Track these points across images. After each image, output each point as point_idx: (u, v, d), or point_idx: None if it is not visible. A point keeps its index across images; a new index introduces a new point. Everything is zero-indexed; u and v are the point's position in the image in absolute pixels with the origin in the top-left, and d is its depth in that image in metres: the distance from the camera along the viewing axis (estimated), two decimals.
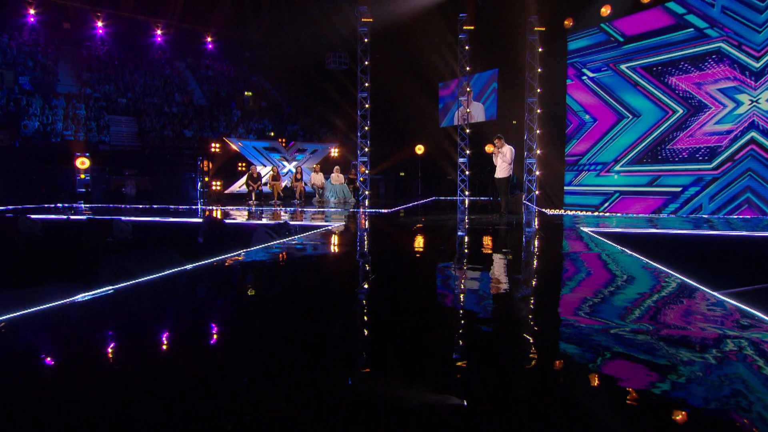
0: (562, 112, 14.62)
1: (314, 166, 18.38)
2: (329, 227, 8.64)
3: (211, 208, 14.17)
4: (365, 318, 3.45)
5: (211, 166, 19.56)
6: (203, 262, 5.13)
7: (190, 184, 20.29)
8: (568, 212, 13.50)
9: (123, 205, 15.62)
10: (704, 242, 7.67)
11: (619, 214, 12.65)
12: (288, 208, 13.94)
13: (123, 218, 9.12)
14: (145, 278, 4.44)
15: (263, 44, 27.78)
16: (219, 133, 23.03)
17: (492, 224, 9.28)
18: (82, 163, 18.57)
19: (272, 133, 24.25)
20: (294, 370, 2.46)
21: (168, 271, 4.70)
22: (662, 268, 4.82)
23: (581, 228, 8.71)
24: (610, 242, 6.62)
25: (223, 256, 5.51)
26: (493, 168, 11.49)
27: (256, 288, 4.40)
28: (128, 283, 4.27)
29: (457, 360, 2.60)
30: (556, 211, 13.80)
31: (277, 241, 6.59)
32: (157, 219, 10.68)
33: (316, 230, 8.14)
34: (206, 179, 19.39)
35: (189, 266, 4.95)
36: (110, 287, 4.17)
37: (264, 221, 9.79)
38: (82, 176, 18.66)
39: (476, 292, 4.10)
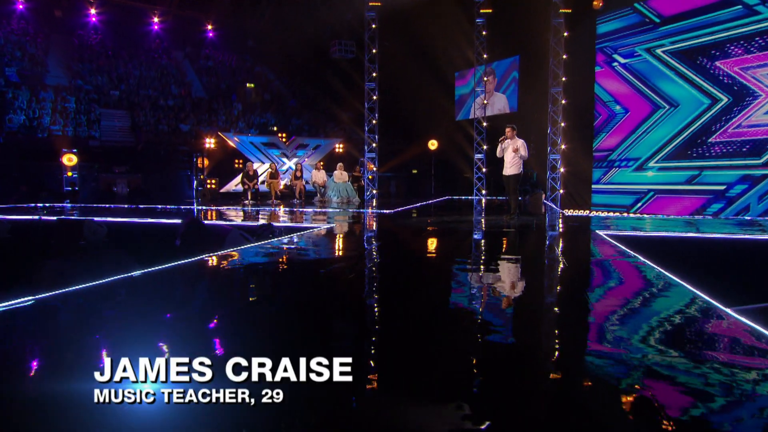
0: (589, 103, 14.06)
1: (316, 162, 17.89)
2: (317, 229, 8.35)
3: (199, 208, 13.76)
4: (320, 338, 2.90)
5: (207, 162, 19.19)
6: (153, 269, 4.70)
7: (185, 183, 19.97)
8: (596, 213, 13.02)
9: (108, 205, 15.26)
10: (755, 249, 6.97)
11: (646, 216, 12.01)
12: (284, 208, 13.66)
13: (96, 219, 8.93)
14: (75, 287, 3.92)
15: (267, 32, 27.38)
16: (218, 127, 22.66)
17: (500, 227, 8.93)
18: (70, 159, 18.28)
19: (275, 128, 23.82)
20: None
21: (106, 279, 4.19)
22: (685, 284, 4.25)
23: (602, 233, 8.14)
24: (634, 252, 5.98)
25: (179, 261, 5.09)
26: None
27: (201, 299, 3.96)
28: (54, 292, 3.75)
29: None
30: (582, 212, 13.28)
31: (252, 244, 6.23)
32: (137, 220, 10.44)
33: (301, 232, 7.82)
34: (202, 177, 19.05)
35: (136, 273, 4.50)
36: (31, 297, 3.67)
37: (253, 222, 9.35)
38: (70, 174, 18.38)
39: (458, 311, 3.69)
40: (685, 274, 4.46)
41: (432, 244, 7.18)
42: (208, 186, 18.26)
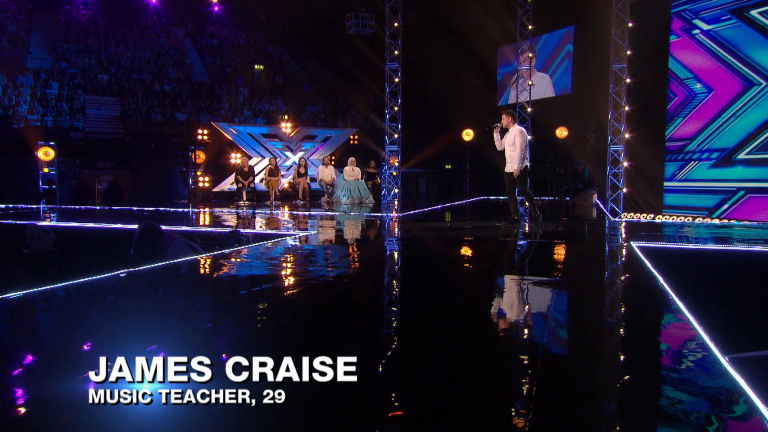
0: (661, 81, 12.95)
1: (324, 157, 17.08)
2: (296, 236, 8.14)
3: (185, 210, 13.06)
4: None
5: (203, 157, 18.55)
6: (42, 288, 4.40)
7: (179, 180, 19.45)
8: (667, 218, 11.96)
9: (80, 207, 14.96)
10: None
11: (734, 222, 10.87)
12: (283, 210, 13.40)
13: (43, 224, 9.15)
14: None
15: (281, 4, 26.78)
16: (219, 116, 22.24)
17: (512, 237, 8.42)
18: (46, 153, 17.82)
19: (286, 116, 23.17)
20: None
21: None
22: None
23: (638, 245, 7.09)
24: (668, 285, 4.76)
25: (85, 278, 4.71)
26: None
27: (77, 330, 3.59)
28: None
29: None
30: (648, 217, 12.22)
31: (195, 256, 5.99)
32: (96, 225, 10.24)
33: (275, 240, 7.64)
34: (198, 173, 18.44)
35: (13, 294, 4.16)
36: None
37: (223, 228, 8.75)
38: (46, 170, 17.94)
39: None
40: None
41: (413, 258, 6.83)
42: (200, 184, 17.61)
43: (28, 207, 14.91)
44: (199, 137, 18.00)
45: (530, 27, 17.16)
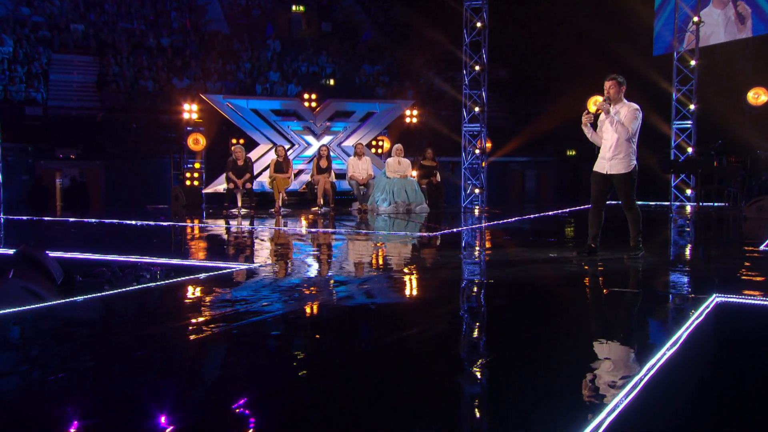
0: None
1: (356, 144, 15.69)
2: (223, 273, 7.21)
3: (147, 224, 11.90)
4: None
5: (203, 142, 17.43)
6: None
7: (169, 175, 18.74)
8: None
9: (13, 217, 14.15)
10: None
11: None
12: (282, 223, 12.94)
13: None
14: None
15: None
16: (237, 81, 21.67)
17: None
18: None
19: (332, 81, 22.74)
20: None
21: None
22: None
23: None
24: None
25: None
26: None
27: None
28: None
29: None
30: None
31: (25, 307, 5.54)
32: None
33: (201, 275, 7.00)
34: (197, 166, 17.93)
35: None
36: None
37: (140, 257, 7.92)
38: None
39: None
40: None
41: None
42: (188, 183, 16.68)
43: None
44: (186, 114, 16.57)
45: None
